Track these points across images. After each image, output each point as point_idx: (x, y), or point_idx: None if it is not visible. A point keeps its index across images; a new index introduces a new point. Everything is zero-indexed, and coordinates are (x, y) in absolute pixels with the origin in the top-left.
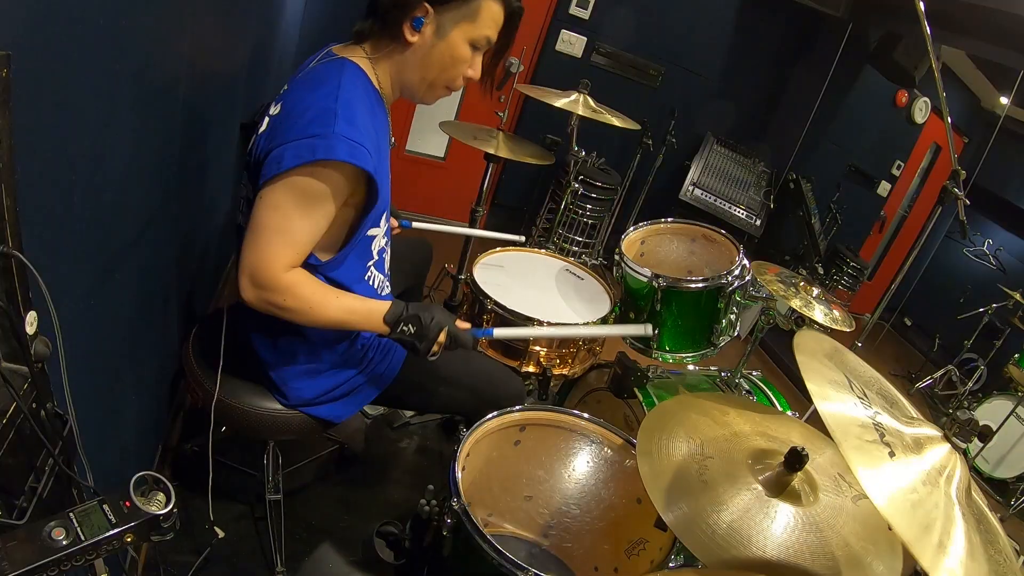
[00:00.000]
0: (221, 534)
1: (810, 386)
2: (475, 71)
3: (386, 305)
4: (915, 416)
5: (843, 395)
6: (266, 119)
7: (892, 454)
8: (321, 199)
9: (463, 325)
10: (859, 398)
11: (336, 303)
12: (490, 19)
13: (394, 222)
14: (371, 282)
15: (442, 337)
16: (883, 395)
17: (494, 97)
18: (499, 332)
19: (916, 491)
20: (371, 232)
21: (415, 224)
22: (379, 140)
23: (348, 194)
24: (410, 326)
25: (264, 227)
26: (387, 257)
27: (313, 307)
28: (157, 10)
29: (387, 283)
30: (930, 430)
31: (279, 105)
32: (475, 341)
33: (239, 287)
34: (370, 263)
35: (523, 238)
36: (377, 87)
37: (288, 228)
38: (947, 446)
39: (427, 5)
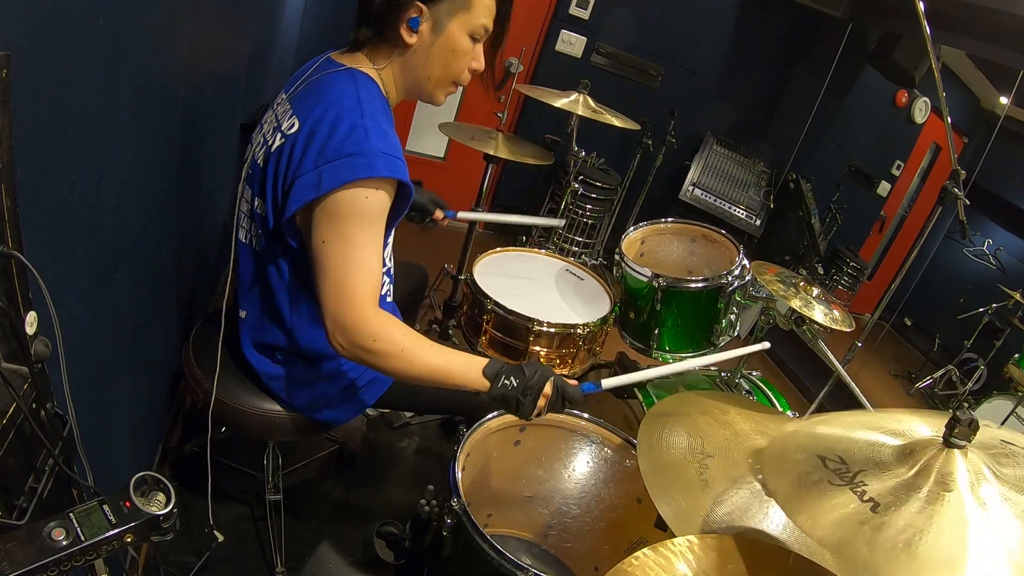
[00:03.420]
0: (221, 538)
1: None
2: (479, 62)
3: (482, 359)
4: (915, 437)
5: (819, 485)
6: (278, 135)
7: (875, 509)
8: (375, 218)
9: (570, 382)
10: (835, 472)
11: (430, 348)
12: (483, 7)
13: (439, 214)
14: (382, 289)
15: (548, 389)
16: (866, 451)
17: (494, 94)
18: (607, 383)
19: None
20: (390, 239)
21: (460, 215)
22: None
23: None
24: (512, 379)
25: (332, 265)
26: (391, 263)
27: (405, 350)
28: (157, 10)
29: (391, 287)
30: (929, 454)
31: (293, 120)
32: (584, 396)
33: (328, 339)
34: (383, 270)
35: (562, 222)
36: (385, 95)
37: (355, 258)
38: (954, 452)
39: (420, 4)
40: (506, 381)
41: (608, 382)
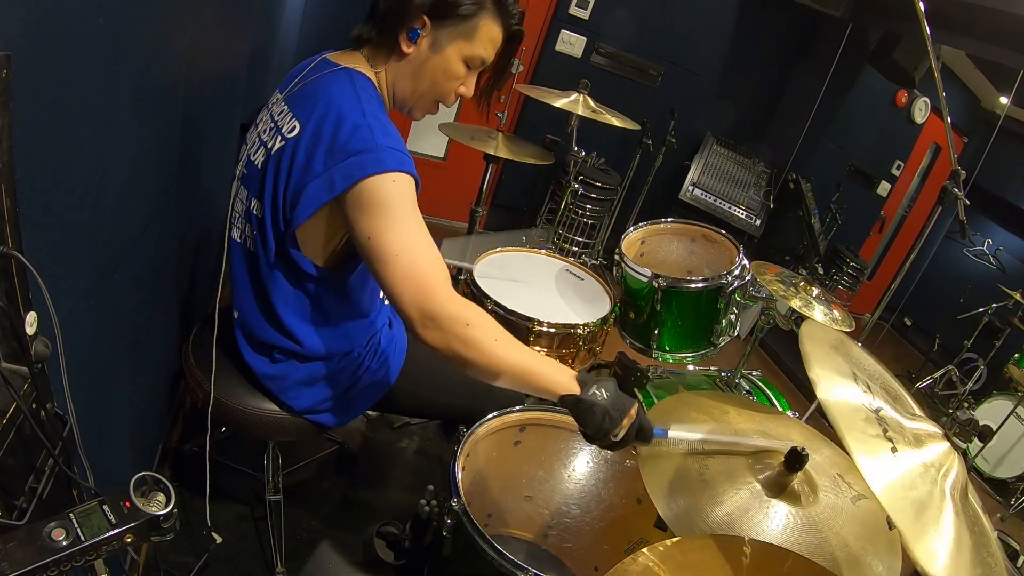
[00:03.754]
0: (219, 539)
1: (816, 372)
2: (468, 89)
3: (567, 367)
4: (917, 413)
5: (848, 384)
6: (277, 138)
7: (894, 450)
8: (410, 200)
9: None
10: (864, 390)
11: (517, 341)
12: (487, 39)
13: None
14: (380, 292)
15: (633, 412)
16: (886, 389)
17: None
18: (673, 433)
19: (914, 483)
20: None
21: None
22: None
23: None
24: (603, 391)
25: (392, 256)
26: None
27: (499, 340)
28: (157, 10)
29: None
30: (931, 426)
31: (293, 123)
32: (654, 438)
33: (416, 333)
34: None
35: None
36: (381, 96)
37: (417, 242)
38: (946, 444)
39: (425, 17)
40: (596, 391)
41: (674, 433)
